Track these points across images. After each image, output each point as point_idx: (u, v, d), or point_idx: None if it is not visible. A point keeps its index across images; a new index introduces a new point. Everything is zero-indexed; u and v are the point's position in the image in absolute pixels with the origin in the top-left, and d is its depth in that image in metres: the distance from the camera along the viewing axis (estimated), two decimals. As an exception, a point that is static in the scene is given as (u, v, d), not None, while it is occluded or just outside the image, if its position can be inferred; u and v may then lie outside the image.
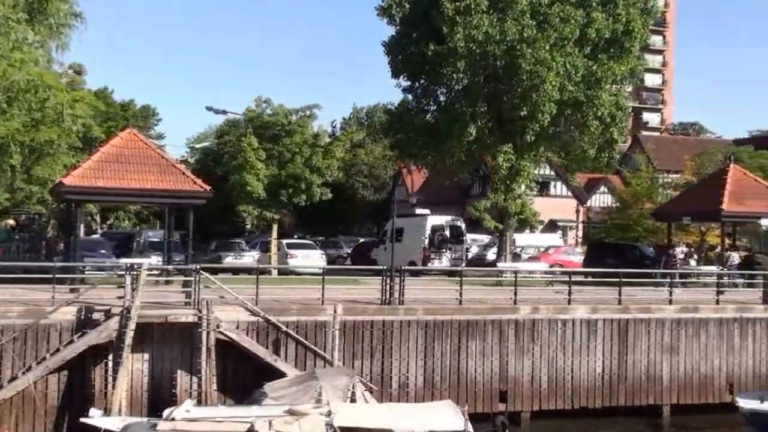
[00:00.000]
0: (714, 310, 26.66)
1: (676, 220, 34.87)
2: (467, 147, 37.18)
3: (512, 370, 24.37)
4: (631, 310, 25.81)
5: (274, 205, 33.41)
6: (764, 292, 27.50)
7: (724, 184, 31.83)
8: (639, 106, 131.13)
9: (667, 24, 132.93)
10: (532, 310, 24.85)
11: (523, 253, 49.42)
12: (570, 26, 34.11)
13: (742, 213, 31.24)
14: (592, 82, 35.45)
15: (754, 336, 26.78)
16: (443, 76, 35.40)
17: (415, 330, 23.54)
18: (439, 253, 36.87)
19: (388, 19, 37.31)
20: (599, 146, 38.55)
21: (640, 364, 25.63)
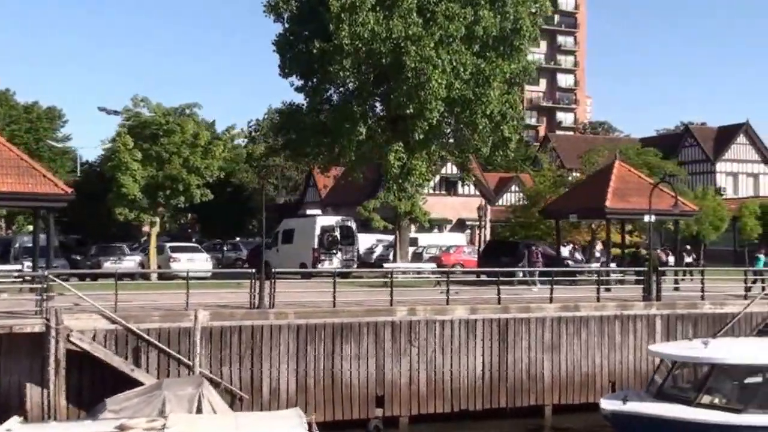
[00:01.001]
0: (595, 307, 26.53)
1: (563, 217, 34.87)
2: (358, 146, 36.55)
3: (389, 373, 23.79)
4: (511, 309, 25.48)
5: (152, 207, 32.14)
6: (644, 289, 27.51)
7: (609, 181, 31.86)
8: (553, 106, 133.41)
9: (578, 25, 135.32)
10: (409, 311, 24.30)
11: (425, 252, 49.00)
12: (455, 24, 33.77)
13: (625, 209, 31.27)
14: (481, 80, 35.15)
15: (635, 333, 26.75)
16: (331, 74, 34.67)
17: (286, 334, 22.77)
18: (330, 255, 36.16)
19: (276, 16, 36.41)
20: (493, 144, 38.33)
21: (521, 364, 25.34)
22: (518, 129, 39.01)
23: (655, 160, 48.88)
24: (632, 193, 31.67)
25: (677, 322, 27.30)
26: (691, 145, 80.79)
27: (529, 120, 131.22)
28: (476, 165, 72.70)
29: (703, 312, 27.67)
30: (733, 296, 28.87)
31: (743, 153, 79.28)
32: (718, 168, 78.21)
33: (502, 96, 36.40)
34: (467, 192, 69.79)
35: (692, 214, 33.56)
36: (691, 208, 32.91)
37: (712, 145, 79.63)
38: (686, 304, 27.69)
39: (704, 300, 27.92)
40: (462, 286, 29.92)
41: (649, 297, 27.31)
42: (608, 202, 30.98)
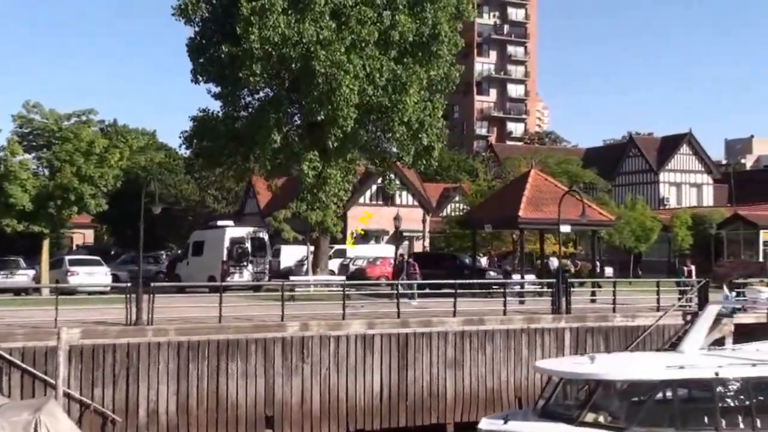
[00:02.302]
0: (501, 321, 25.55)
1: (479, 227, 33.95)
2: (274, 155, 35.36)
3: (279, 392, 22.54)
4: (411, 323, 24.40)
5: (42, 218, 30.56)
6: (552, 302, 26.60)
7: (523, 190, 30.98)
8: (503, 116, 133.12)
9: (528, 35, 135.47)
10: (301, 326, 23.09)
11: (352, 264, 47.90)
12: (368, 28, 32.77)
13: (539, 219, 30.41)
14: (397, 86, 34.16)
15: (543, 347, 25.81)
16: (242, 80, 33.46)
17: (165, 352, 21.41)
18: (240, 267, 34.86)
19: (186, 20, 35.10)
20: (416, 153, 37.37)
21: (421, 381, 24.25)
22: (441, 137, 37.99)
23: (575, 170, 48.26)
24: (547, 203, 30.83)
25: (587, 335, 26.45)
26: (635, 155, 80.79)
27: (479, 130, 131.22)
28: (416, 175, 72.18)
29: (614, 325, 26.87)
30: (647, 308, 28.08)
31: (686, 163, 79.39)
32: (662, 178, 78.22)
33: (420, 103, 35.48)
34: (406, 202, 68.89)
35: (608, 224, 32.81)
36: (607, 218, 32.14)
37: (655, 156, 79.67)
38: (597, 317, 26.87)
39: (615, 313, 27.10)
40: (378, 299, 28.89)
41: (558, 310, 26.40)
42: (522, 212, 30.09)
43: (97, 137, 31.91)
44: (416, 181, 70.10)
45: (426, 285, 29.58)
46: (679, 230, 47.87)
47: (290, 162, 36.56)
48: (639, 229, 45.10)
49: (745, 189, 76.34)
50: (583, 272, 38.16)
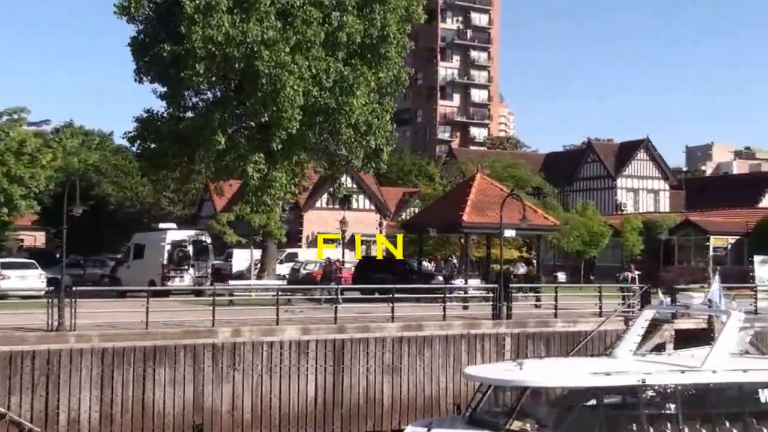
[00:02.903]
0: (440, 326, 25.15)
1: (423, 231, 33.59)
2: (219, 157, 34.72)
3: (209, 399, 21.96)
4: (348, 329, 23.92)
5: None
6: (493, 307, 26.26)
7: (468, 194, 30.63)
8: (466, 121, 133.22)
9: (492, 41, 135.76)
10: (233, 332, 22.52)
11: (303, 269, 47.29)
12: (313, 29, 32.29)
13: (483, 224, 30.07)
14: (344, 88, 33.69)
15: (483, 352, 25.45)
16: (185, 79, 32.79)
17: (89, 359, 20.73)
18: (180, 271, 34.16)
19: (128, 18, 34.35)
20: (366, 155, 36.92)
21: (358, 387, 23.79)
22: (390, 140, 37.54)
23: (522, 174, 48.10)
24: (492, 207, 30.49)
25: (528, 340, 26.13)
26: (593, 161, 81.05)
27: (442, 135, 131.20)
28: (373, 179, 71.79)
29: (555, 330, 26.58)
30: (589, 314, 27.84)
31: (644, 169, 79.77)
32: (619, 184, 78.53)
33: (368, 105, 35.04)
34: (362, 206, 68.53)
35: (552, 228, 32.59)
36: (552, 223, 31.91)
37: (613, 161, 79.95)
38: (538, 323, 26.59)
39: (557, 318, 26.83)
40: (320, 304, 28.32)
41: (498, 315, 26.07)
42: (466, 216, 29.73)
43: (29, 136, 31.08)
44: (373, 185, 69.74)
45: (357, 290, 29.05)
46: (630, 235, 47.89)
47: (236, 164, 35.91)
48: (587, 234, 45.03)
49: (703, 195, 76.90)
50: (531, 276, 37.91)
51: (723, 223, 50.03)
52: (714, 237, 47.93)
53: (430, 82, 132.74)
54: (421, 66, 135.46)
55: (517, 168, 49.89)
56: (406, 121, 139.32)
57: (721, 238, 47.96)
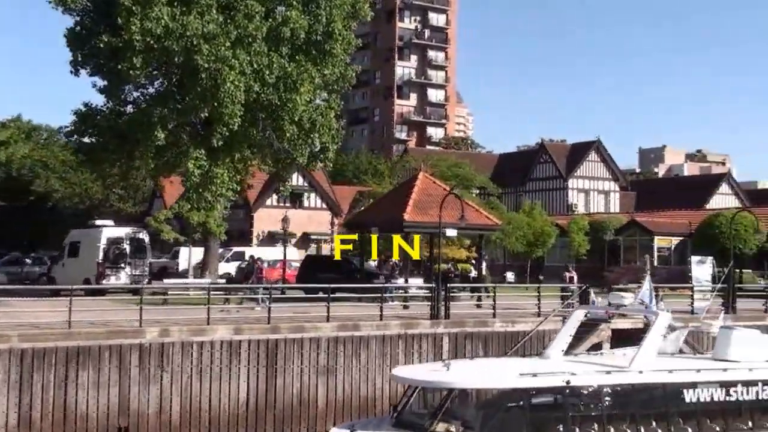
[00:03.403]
0: (376, 326, 24.81)
1: (365, 230, 33.27)
2: (159, 153, 34.04)
3: (135, 402, 21.32)
4: (282, 329, 23.47)
5: None
6: (431, 307, 25.99)
7: (410, 193, 30.33)
8: (423, 120, 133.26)
9: (449, 41, 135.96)
10: (161, 332, 21.94)
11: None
12: (255, 23, 31.76)
13: (424, 223, 29.76)
14: (288, 84, 33.20)
15: (420, 353, 25.15)
16: (123, 73, 32.06)
17: (6, 360, 20.00)
18: (116, 269, 33.39)
19: (64, 8, 33.50)
20: (311, 153, 36.51)
21: (291, 389, 23.32)
22: (336, 138, 37.11)
23: (466, 173, 47.99)
24: (434, 206, 30.16)
25: (466, 341, 25.90)
26: (546, 161, 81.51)
27: (399, 134, 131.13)
28: (325, 177, 71.32)
29: (493, 330, 26.38)
30: (528, 314, 27.72)
31: (595, 170, 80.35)
32: (570, 185, 79.04)
33: (312, 103, 34.62)
34: (314, 205, 68.04)
35: (494, 228, 32.43)
36: (494, 222, 31.74)
37: (565, 162, 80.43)
38: (476, 323, 26.36)
39: (495, 318, 26.64)
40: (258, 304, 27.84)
41: (436, 315, 25.81)
42: (407, 215, 29.43)
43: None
44: (325, 184, 69.25)
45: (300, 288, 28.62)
46: (576, 236, 48.02)
47: (178, 160, 35.23)
48: (531, 234, 45.02)
49: (653, 197, 77.81)
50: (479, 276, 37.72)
51: (668, 224, 50.44)
52: (658, 237, 48.30)
53: (387, 82, 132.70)
54: (379, 65, 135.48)
55: (462, 167, 49.66)
56: (364, 119, 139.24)
57: (666, 239, 48.37)
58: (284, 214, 52.83)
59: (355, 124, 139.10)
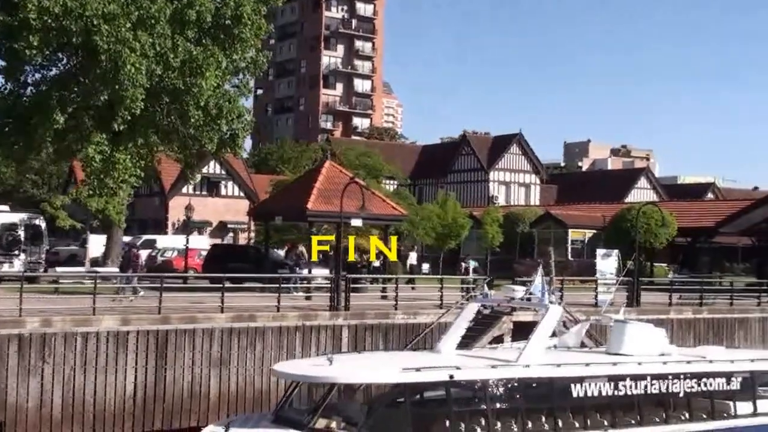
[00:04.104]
0: (273, 317, 24.23)
1: (270, 219, 32.59)
2: (59, 137, 32.71)
3: (13, 395, 20.37)
4: (173, 320, 22.71)
5: None
6: (330, 298, 25.51)
7: (315, 182, 29.75)
8: (349, 110, 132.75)
9: (376, 31, 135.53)
10: (42, 322, 20.97)
11: (160, 256, 45.65)
12: (158, 4, 30.68)
13: (329, 212, 29.15)
14: (194, 68, 32.18)
15: (318, 345, 24.67)
16: (19, 53, 30.63)
17: None
18: (10, 257, 32.08)
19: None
20: (221, 140, 35.55)
21: (182, 382, 22.62)
22: (247, 125, 36.23)
23: (374, 162, 47.66)
24: (339, 195, 29.59)
25: (366, 333, 25.52)
26: (468, 153, 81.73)
27: (324, 124, 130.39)
28: (243, 165, 70.26)
29: (394, 322, 26.06)
30: (431, 305, 27.46)
31: (516, 163, 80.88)
32: (491, 177, 79.41)
33: (220, 88, 33.66)
34: (231, 193, 66.96)
35: (400, 218, 32.07)
36: (400, 213, 31.38)
37: (486, 155, 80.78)
38: (377, 315, 26.01)
39: (397, 310, 26.31)
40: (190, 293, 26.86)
41: (336, 306, 25.34)
42: (311, 204, 28.86)
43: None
44: (243, 172, 68.16)
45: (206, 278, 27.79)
46: (490, 227, 48.14)
47: (79, 145, 33.94)
48: (440, 225, 44.92)
49: (574, 190, 78.72)
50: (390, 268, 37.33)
51: (582, 217, 50.95)
52: (572, 230, 48.75)
53: (313, 71, 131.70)
54: (305, 54, 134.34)
55: (371, 157, 49.22)
56: (290, 109, 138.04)
57: (580, 232, 48.86)
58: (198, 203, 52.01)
59: (281, 113, 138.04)
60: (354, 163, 42.16)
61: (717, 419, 19.05)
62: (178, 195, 64.11)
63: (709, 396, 19.18)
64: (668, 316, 30.01)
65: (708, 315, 30.66)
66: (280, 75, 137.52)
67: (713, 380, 19.16)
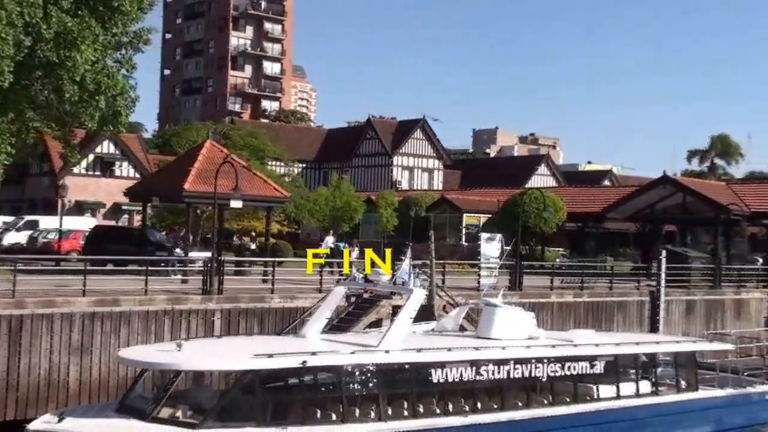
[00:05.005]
0: (139, 302, 23.20)
1: (148, 200, 31.48)
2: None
3: None
4: (28, 304, 21.47)
5: None
6: (203, 282, 24.63)
7: (194, 162, 28.71)
8: (258, 93, 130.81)
9: (285, 13, 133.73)
10: None
11: (42, 237, 43.90)
12: (26, -29, 29.03)
13: (207, 193, 28.13)
14: (69, 41, 30.61)
15: (189, 330, 23.76)
16: None
17: None
18: None
19: None
20: (102, 117, 34.00)
21: (38, 369, 21.40)
22: (130, 102, 34.77)
23: (259, 144, 46.79)
24: (223, 176, 28.60)
25: (240, 317, 24.71)
26: (372, 137, 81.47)
27: (232, 106, 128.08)
28: (140, 146, 68.27)
29: (270, 306, 25.32)
30: (310, 290, 26.83)
31: (420, 148, 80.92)
32: (395, 161, 79.31)
33: (99, 62, 32.14)
34: (126, 174, 64.97)
35: (281, 200, 31.29)
36: (282, 194, 30.62)
37: (391, 139, 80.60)
38: (252, 298, 25.21)
39: (274, 294, 25.59)
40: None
41: (208, 290, 24.48)
42: (188, 184, 27.83)
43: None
44: (140, 152, 66.17)
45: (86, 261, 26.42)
46: (384, 211, 47.85)
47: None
48: (327, 208, 44.33)
49: (477, 175, 79.17)
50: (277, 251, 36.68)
51: (477, 202, 51.14)
52: (467, 215, 48.86)
53: (221, 52, 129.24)
54: (213, 35, 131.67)
55: (257, 137, 48.18)
56: (198, 90, 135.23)
57: (474, 216, 49.01)
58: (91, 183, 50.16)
59: (189, 94, 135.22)
60: (238, 144, 41.07)
61: (580, 402, 18.99)
62: (69, 175, 61.74)
63: (572, 380, 19.10)
64: (549, 300, 30.11)
65: (588, 298, 30.88)
66: (187, 55, 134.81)
67: (577, 364, 19.10)
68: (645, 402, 19.96)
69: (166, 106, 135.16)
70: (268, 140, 49.00)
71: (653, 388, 20.46)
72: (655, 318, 31.66)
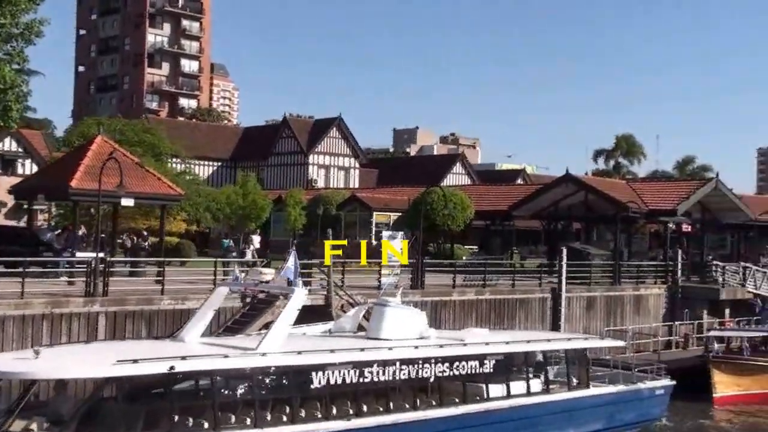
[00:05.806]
0: (15, 305, 21.95)
1: (33, 198, 30.10)
2: None
3: None
4: None
5: None
6: (86, 283, 23.50)
7: (83, 158, 27.46)
8: (176, 91, 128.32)
9: (204, 11, 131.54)
10: None
11: None
12: None
13: (96, 190, 26.87)
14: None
15: (70, 335, 22.57)
16: None
17: None
18: None
19: None
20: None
21: None
22: (20, 98, 33.21)
23: (154, 140, 45.59)
24: (111, 173, 27.42)
25: (127, 320, 23.64)
26: (288, 136, 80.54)
27: (149, 104, 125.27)
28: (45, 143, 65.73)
29: (160, 308, 24.31)
30: (205, 290, 25.85)
31: (335, 147, 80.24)
32: (311, 160, 78.46)
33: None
34: (30, 172, 62.38)
35: (176, 198, 30.30)
36: (176, 192, 29.60)
37: (307, 138, 79.75)
38: (140, 300, 24.16)
39: (164, 295, 24.58)
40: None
41: (92, 292, 23.35)
42: (75, 181, 26.56)
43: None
44: (44, 150, 63.70)
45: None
46: (293, 210, 47.10)
47: None
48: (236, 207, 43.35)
49: (394, 174, 78.89)
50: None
51: (388, 200, 50.80)
52: (377, 213, 48.49)
53: (137, 49, 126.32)
54: (129, 31, 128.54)
55: (151, 134, 46.88)
56: (114, 87, 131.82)
57: (384, 215, 48.66)
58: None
59: (104, 91, 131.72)
60: (132, 140, 39.81)
61: (470, 403, 18.62)
62: (-33, 174, 59.22)
63: (462, 380, 18.72)
64: (451, 298, 29.76)
65: (490, 296, 30.65)
66: (102, 52, 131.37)
67: (467, 363, 18.72)
68: (535, 400, 19.73)
69: (81, 103, 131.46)
70: (164, 137, 47.60)
71: (544, 386, 20.25)
72: (556, 315, 31.64)
